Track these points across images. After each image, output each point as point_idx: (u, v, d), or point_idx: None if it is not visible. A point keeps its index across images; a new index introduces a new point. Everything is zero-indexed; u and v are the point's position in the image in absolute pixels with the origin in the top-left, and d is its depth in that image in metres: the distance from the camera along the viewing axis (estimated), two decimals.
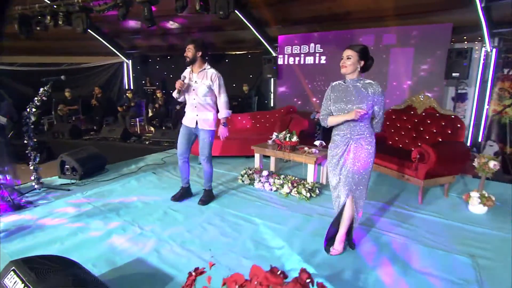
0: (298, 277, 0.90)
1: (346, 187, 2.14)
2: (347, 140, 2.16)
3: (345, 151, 2.17)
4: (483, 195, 2.91)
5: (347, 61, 2.10)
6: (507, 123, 5.42)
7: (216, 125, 3.15)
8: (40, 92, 3.42)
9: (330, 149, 2.27)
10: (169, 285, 1.91)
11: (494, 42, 5.29)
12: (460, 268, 2.11)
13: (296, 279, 0.89)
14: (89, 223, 2.76)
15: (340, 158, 2.18)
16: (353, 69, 2.10)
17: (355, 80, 2.13)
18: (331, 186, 2.27)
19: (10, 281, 1.46)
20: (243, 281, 0.97)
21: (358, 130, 2.13)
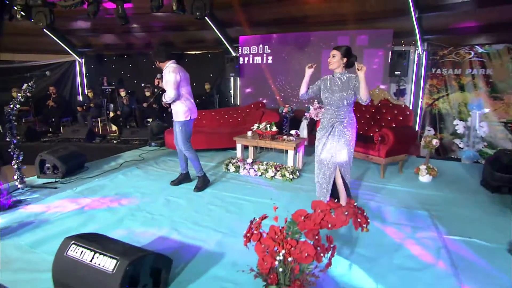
0: (348, 202, 1.32)
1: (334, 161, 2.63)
2: (332, 122, 2.65)
3: (331, 132, 2.66)
4: (429, 167, 3.66)
5: (332, 59, 2.59)
6: (436, 113, 6.51)
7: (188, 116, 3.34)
8: (24, 88, 3.38)
9: (319, 131, 2.75)
10: (200, 252, 2.20)
11: (424, 46, 6.32)
12: (420, 218, 2.75)
13: (348, 203, 1.31)
14: (95, 214, 2.88)
15: (327, 139, 2.66)
16: (337, 66, 2.60)
17: (340, 74, 2.63)
18: (319, 164, 2.72)
19: (75, 252, 1.65)
20: (306, 213, 1.36)
21: (342, 115, 2.63)
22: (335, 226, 1.29)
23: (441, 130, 6.24)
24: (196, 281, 1.89)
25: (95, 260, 1.56)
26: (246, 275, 1.92)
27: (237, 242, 2.34)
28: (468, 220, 2.73)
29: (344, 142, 2.61)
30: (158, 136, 5.80)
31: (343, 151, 2.61)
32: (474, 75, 6.06)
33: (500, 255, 2.19)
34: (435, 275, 1.98)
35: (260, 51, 7.27)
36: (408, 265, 2.09)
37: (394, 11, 5.81)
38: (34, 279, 1.93)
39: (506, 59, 5.76)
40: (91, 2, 4.89)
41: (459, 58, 6.20)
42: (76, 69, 9.76)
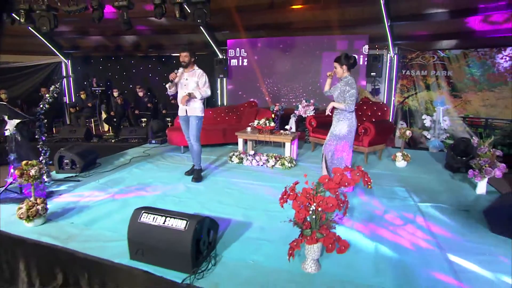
0: (357, 168, 1.91)
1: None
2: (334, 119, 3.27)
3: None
4: (404, 154, 4.38)
5: (335, 70, 3.19)
6: (407, 110, 7.37)
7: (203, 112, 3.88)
8: (51, 89, 3.71)
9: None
10: (232, 222, 2.72)
11: (395, 50, 7.14)
12: (400, 193, 3.44)
13: (358, 169, 1.90)
14: (126, 200, 3.30)
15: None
16: (341, 73, 3.19)
17: (341, 79, 3.23)
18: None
19: (147, 219, 2.12)
20: (328, 177, 1.94)
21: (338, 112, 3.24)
22: (350, 184, 1.88)
23: (411, 125, 7.09)
24: (236, 241, 2.41)
25: (167, 222, 2.05)
26: (274, 235, 2.48)
27: (259, 214, 2.89)
28: (435, 192, 3.45)
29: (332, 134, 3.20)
30: (158, 134, 6.19)
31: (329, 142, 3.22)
32: (438, 76, 6.97)
33: (457, 213, 2.90)
34: (414, 227, 2.64)
35: (247, 54, 7.81)
36: (394, 223, 2.73)
37: (369, 19, 6.56)
38: (100, 247, 2.37)
39: (463, 62, 6.70)
40: (95, 8, 5.20)
41: (425, 61, 7.09)
42: (63, 70, 9.81)
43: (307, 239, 1.91)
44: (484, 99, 6.67)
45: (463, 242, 2.43)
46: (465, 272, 2.04)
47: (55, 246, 2.42)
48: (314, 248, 1.95)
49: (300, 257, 2.13)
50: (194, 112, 3.80)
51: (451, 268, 2.08)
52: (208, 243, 2.18)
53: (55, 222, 2.81)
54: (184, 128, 3.94)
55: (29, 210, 2.64)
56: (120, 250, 2.26)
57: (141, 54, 9.51)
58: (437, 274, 2.02)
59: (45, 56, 9.45)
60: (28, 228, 2.68)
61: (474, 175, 3.30)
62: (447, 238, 2.49)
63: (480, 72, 6.62)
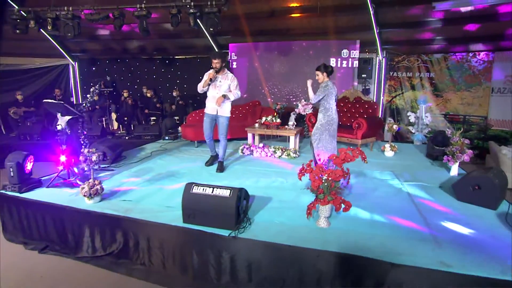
0: (357, 149, 2.60)
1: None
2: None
3: None
4: (392, 145, 5.11)
5: (317, 76, 3.87)
6: (395, 108, 8.16)
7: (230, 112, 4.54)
8: (91, 90, 4.29)
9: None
10: (255, 197, 3.37)
11: (384, 54, 7.90)
12: (389, 175, 4.16)
13: (357, 149, 2.58)
14: (163, 183, 3.91)
15: None
16: (322, 79, 3.87)
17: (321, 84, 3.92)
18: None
19: (198, 190, 2.77)
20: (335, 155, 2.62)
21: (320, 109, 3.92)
22: (352, 159, 2.56)
23: (398, 121, 7.86)
24: (262, 210, 3.07)
25: (215, 192, 2.69)
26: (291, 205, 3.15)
27: (276, 191, 3.56)
28: (417, 175, 4.18)
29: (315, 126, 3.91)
30: (170, 131, 6.79)
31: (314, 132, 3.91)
32: (422, 78, 7.78)
33: (436, 190, 3.63)
34: (401, 198, 3.36)
35: (248, 57, 8.46)
36: (385, 196, 3.44)
37: (360, 26, 7.29)
38: (155, 216, 2.99)
39: (444, 65, 7.51)
40: (117, 16, 5.77)
41: (410, 64, 7.88)
42: (70, 72, 10.28)
43: (320, 202, 2.58)
44: (462, 98, 7.51)
45: (436, 207, 3.15)
46: (437, 225, 2.75)
47: (117, 215, 3.03)
48: (326, 208, 2.63)
49: (314, 218, 2.80)
50: (224, 113, 4.33)
51: (426, 222, 2.79)
52: (244, 209, 2.83)
53: (109, 200, 3.42)
54: (207, 126, 4.40)
55: (91, 189, 3.24)
56: (172, 217, 2.88)
57: (145, 56, 10.05)
58: (415, 226, 2.72)
59: (53, 59, 9.91)
60: (89, 204, 3.28)
61: (448, 160, 4.04)
62: (424, 204, 3.21)
63: (458, 74, 7.45)
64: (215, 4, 5.52)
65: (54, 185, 3.81)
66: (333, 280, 2.31)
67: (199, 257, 2.71)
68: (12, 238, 3.64)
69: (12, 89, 9.21)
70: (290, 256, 2.40)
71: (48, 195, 3.56)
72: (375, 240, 2.49)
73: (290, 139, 5.20)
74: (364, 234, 2.59)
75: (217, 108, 4.31)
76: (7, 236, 3.66)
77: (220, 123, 4.38)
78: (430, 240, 2.48)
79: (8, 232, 3.67)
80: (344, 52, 7.75)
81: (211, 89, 4.32)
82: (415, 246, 2.39)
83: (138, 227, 2.94)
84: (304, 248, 2.37)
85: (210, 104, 4.38)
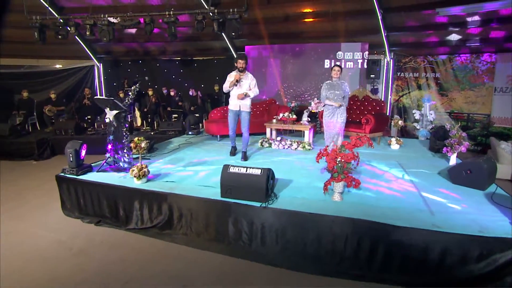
0: (364, 135, 3.15)
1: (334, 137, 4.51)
2: (334, 111, 4.52)
3: (334, 113, 4.53)
4: (397, 139, 5.63)
5: (338, 72, 4.45)
6: (402, 107, 8.64)
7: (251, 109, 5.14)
8: (132, 88, 4.91)
9: (326, 112, 4.59)
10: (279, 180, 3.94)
11: (391, 55, 8.40)
12: (393, 164, 4.68)
13: (365, 136, 3.14)
14: (196, 169, 4.50)
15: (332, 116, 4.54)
16: (339, 76, 4.46)
17: (338, 79, 4.50)
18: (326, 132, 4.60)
19: (234, 170, 3.35)
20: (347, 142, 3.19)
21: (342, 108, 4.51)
22: (360, 144, 3.11)
23: (405, 120, 8.35)
24: (285, 188, 3.65)
25: (248, 171, 3.28)
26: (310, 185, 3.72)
27: (295, 175, 4.13)
28: (419, 164, 4.69)
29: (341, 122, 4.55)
30: (193, 126, 7.41)
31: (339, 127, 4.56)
32: (428, 78, 8.26)
33: (434, 176, 4.16)
34: (403, 181, 3.89)
35: (264, 58, 9.05)
36: (389, 180, 3.97)
37: (369, 30, 7.83)
38: (197, 192, 3.58)
39: (449, 66, 7.98)
40: (147, 22, 6.42)
41: (416, 65, 8.36)
42: (95, 73, 11.01)
43: (335, 179, 3.15)
44: (466, 97, 7.97)
45: (434, 188, 3.67)
46: (435, 203, 3.28)
47: (164, 192, 3.64)
48: (339, 184, 3.19)
49: (329, 194, 3.36)
50: (246, 108, 4.94)
51: (425, 201, 3.32)
52: (271, 186, 3.41)
53: (153, 181, 4.03)
54: (231, 120, 5.02)
55: (140, 171, 3.86)
56: (212, 193, 3.47)
57: (165, 58, 10.72)
58: (414, 201, 3.27)
59: (79, 60, 10.66)
60: (137, 184, 3.90)
61: (447, 151, 4.55)
62: (424, 186, 3.74)
63: (463, 74, 7.91)
64: (237, 11, 6.12)
65: (103, 170, 4.44)
66: (345, 241, 2.87)
67: (234, 226, 3.29)
68: (70, 214, 4.28)
69: (43, 89, 10.03)
70: (310, 221, 2.97)
71: (100, 177, 4.19)
72: (380, 210, 3.04)
73: (305, 133, 5.76)
74: (371, 206, 3.14)
75: (239, 104, 4.91)
76: (65, 212, 4.31)
77: (242, 117, 4.98)
78: (425, 211, 3.03)
79: (66, 209, 4.32)
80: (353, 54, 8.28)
81: (234, 88, 4.93)
82: (413, 214, 2.94)
83: (182, 201, 3.54)
84: (322, 214, 2.93)
85: (233, 101, 4.98)
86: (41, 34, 6.73)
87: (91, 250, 3.45)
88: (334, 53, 8.42)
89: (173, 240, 3.58)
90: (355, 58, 8.29)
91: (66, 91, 10.72)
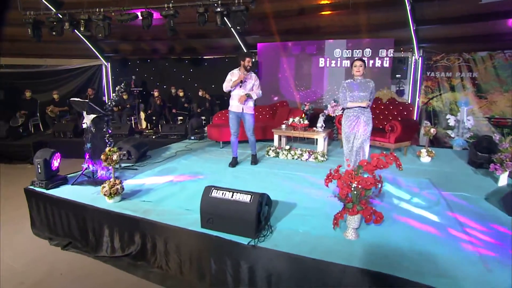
0: (390, 154, 2.34)
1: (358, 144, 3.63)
2: (357, 115, 3.65)
3: (356, 123, 3.66)
4: (428, 150, 4.71)
5: (360, 68, 3.60)
6: (431, 111, 7.62)
7: (256, 112, 4.49)
8: (117, 89, 4.31)
9: (346, 121, 3.73)
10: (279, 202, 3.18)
11: (420, 53, 7.40)
12: (425, 183, 3.80)
13: (391, 154, 2.32)
14: (184, 184, 3.83)
15: (353, 128, 3.67)
16: (363, 72, 3.62)
17: (361, 78, 3.64)
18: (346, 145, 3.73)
19: (217, 194, 2.62)
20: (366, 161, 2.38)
21: (363, 109, 3.64)
22: (385, 166, 2.30)
23: (436, 125, 7.32)
24: (286, 216, 2.88)
25: (235, 196, 2.54)
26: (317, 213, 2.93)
27: (300, 196, 3.35)
28: (458, 184, 3.78)
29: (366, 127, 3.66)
30: (197, 131, 6.76)
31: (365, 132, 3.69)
32: (463, 78, 7.19)
33: (481, 202, 3.24)
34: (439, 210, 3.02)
35: (277, 56, 8.27)
36: (422, 207, 3.11)
37: (395, 23, 6.88)
38: (174, 219, 2.88)
39: (489, 64, 6.89)
40: (145, 16, 5.82)
41: (450, 63, 7.32)
42: (103, 72, 10.63)
43: (349, 211, 2.35)
44: (510, 99, 6.84)
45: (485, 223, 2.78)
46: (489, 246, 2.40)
47: (136, 217, 2.96)
48: (354, 218, 2.39)
49: (341, 228, 2.57)
50: (249, 110, 4.39)
51: (470, 239, 2.46)
52: (265, 216, 2.65)
53: (129, 200, 3.37)
54: (233, 122, 4.46)
55: (111, 189, 3.21)
56: (191, 221, 2.77)
57: (174, 56, 10.16)
58: (457, 242, 2.41)
59: (87, 60, 10.30)
60: (109, 204, 3.25)
61: (496, 169, 3.62)
62: (470, 218, 2.86)
63: (507, 73, 6.79)
64: (242, 2, 5.41)
65: (79, 183, 3.84)
66: None
67: (217, 264, 2.57)
68: (39, 233, 3.71)
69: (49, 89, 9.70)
70: (313, 270, 2.19)
71: (72, 192, 3.60)
72: (410, 257, 2.22)
73: (318, 142, 4.95)
74: (397, 249, 2.32)
75: (242, 106, 4.38)
76: (34, 231, 3.75)
77: (246, 120, 4.45)
78: (477, 262, 2.17)
79: (35, 227, 3.76)
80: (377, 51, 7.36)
81: (237, 88, 4.37)
82: (459, 267, 2.10)
83: (156, 229, 2.85)
84: (329, 262, 2.15)
85: (234, 102, 4.43)
86: (35, 30, 6.28)
87: (46, 285, 2.83)
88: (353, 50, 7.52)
89: (147, 276, 2.90)
90: (379, 55, 7.35)
91: (74, 90, 10.38)
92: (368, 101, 3.57)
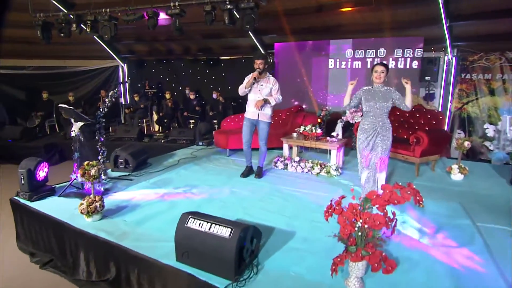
0: (408, 184, 1.81)
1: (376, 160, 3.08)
2: (375, 127, 3.10)
3: (373, 135, 3.11)
4: (461, 166, 4.04)
5: (381, 74, 3.05)
6: (466, 117, 6.78)
7: (271, 118, 4.08)
8: (110, 94, 4.02)
9: (361, 134, 3.18)
10: (275, 230, 2.72)
11: (454, 52, 6.61)
12: (455, 210, 3.18)
13: (409, 186, 1.79)
14: (175, 202, 3.44)
15: (370, 141, 3.12)
16: (384, 79, 3.06)
17: (381, 86, 3.09)
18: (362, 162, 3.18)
19: (194, 224, 2.20)
20: (376, 193, 1.86)
21: (381, 121, 3.08)
22: (400, 201, 1.78)
23: (470, 133, 6.51)
24: (278, 251, 2.41)
25: (213, 229, 2.11)
26: (317, 246, 2.44)
27: (302, 223, 2.87)
28: (498, 212, 3.12)
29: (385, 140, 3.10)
30: (205, 136, 6.41)
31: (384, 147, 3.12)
32: (505, 80, 6.31)
33: None
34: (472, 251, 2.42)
35: (295, 57, 7.74)
36: (447, 244, 2.53)
37: (424, 20, 6.16)
38: (150, 246, 2.51)
39: None
40: (151, 16, 5.53)
41: (489, 64, 6.46)
42: (119, 73, 10.59)
43: (351, 256, 1.85)
44: None
45: None
46: None
47: (110, 242, 2.61)
48: (358, 265, 1.88)
49: (343, 273, 2.06)
50: (265, 118, 3.99)
51: None
52: (251, 251, 2.20)
53: (110, 218, 3.04)
54: (247, 131, 4.08)
55: (89, 207, 2.89)
56: (167, 251, 2.37)
57: (190, 57, 9.91)
58: None
59: (104, 61, 10.29)
60: (88, 222, 2.93)
61: None
62: None
63: None
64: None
65: (66, 195, 3.58)
66: None
67: None
68: (23, 247, 3.49)
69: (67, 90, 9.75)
70: None
71: (57, 205, 3.34)
72: None
73: (331, 153, 4.42)
74: None
75: (258, 112, 3.99)
76: (19, 244, 3.53)
77: (260, 128, 4.07)
78: None
79: (20, 240, 3.54)
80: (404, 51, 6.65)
81: (252, 93, 4.03)
82: None
83: (129, 258, 2.48)
84: None
85: (250, 109, 4.08)
86: (44, 32, 6.18)
87: None
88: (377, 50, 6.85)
89: None
90: (406, 55, 6.64)
91: (91, 92, 10.45)
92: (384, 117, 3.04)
